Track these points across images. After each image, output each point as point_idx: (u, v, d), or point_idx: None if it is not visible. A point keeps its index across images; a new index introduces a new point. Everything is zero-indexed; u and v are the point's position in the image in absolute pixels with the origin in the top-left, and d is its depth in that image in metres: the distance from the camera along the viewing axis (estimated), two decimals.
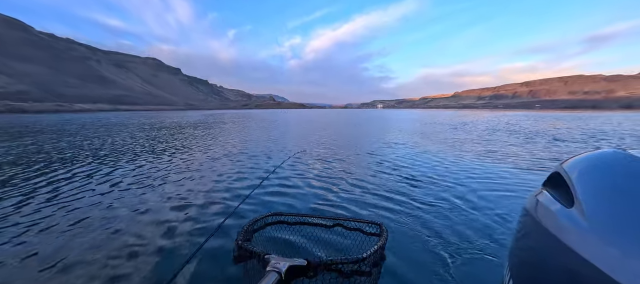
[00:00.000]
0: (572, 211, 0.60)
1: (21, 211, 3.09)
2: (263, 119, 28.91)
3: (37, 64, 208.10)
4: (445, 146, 8.48)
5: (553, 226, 0.62)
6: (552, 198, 0.69)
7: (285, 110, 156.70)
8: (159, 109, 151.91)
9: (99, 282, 1.88)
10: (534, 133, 12.68)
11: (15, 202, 3.34)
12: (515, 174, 4.72)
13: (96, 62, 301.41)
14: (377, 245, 0.88)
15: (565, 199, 0.65)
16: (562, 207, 0.63)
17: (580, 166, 0.69)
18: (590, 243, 0.52)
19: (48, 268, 2.02)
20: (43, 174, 4.76)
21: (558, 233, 0.59)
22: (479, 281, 1.90)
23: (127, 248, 2.30)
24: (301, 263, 0.74)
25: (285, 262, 0.72)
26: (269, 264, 0.72)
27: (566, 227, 0.58)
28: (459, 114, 53.87)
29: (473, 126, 17.45)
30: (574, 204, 0.60)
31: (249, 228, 1.12)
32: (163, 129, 15.81)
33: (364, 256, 0.80)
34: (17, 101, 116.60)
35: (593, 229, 0.53)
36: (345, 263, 0.78)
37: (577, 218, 0.57)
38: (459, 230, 2.59)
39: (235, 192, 3.84)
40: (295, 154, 6.55)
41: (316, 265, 0.75)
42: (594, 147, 8.31)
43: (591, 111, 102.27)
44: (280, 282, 0.68)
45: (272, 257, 0.75)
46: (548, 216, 0.66)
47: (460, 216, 2.92)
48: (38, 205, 3.28)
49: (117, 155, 6.87)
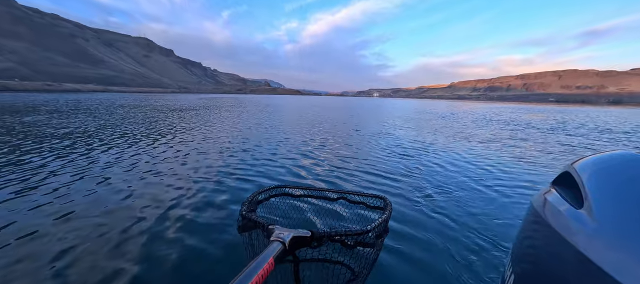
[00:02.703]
0: (580, 212, 0.59)
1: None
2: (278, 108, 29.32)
3: (22, 41, 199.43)
4: (430, 130, 9.45)
5: (560, 225, 0.61)
6: (561, 198, 0.69)
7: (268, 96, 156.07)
8: (152, 91, 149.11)
9: (146, 227, 2.73)
10: (507, 121, 13.79)
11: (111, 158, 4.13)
12: (479, 152, 5.72)
13: (84, 41, 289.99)
14: (381, 218, 0.89)
15: (575, 199, 0.65)
16: (570, 208, 0.63)
17: (591, 167, 0.69)
18: (598, 245, 0.51)
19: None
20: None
21: (565, 233, 0.58)
22: (479, 266, 1.96)
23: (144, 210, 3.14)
24: (305, 233, 0.75)
25: (289, 232, 0.73)
26: (273, 234, 0.73)
27: (574, 227, 0.58)
28: (452, 104, 55.05)
29: (457, 115, 18.49)
30: (583, 204, 0.60)
31: (253, 198, 1.14)
32: (179, 111, 16.33)
33: (368, 228, 0.81)
34: (5, 78, 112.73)
35: (601, 231, 0.53)
36: (350, 235, 0.80)
37: (585, 219, 0.57)
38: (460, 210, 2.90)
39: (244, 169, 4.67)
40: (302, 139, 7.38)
41: (320, 236, 0.77)
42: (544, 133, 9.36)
43: (579, 105, 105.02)
44: (283, 251, 0.69)
45: (276, 227, 0.76)
46: (556, 215, 0.65)
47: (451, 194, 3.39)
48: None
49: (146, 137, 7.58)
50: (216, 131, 8.67)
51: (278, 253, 0.67)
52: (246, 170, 4.23)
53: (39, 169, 4.00)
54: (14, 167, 4.00)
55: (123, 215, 2.57)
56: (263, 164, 4.58)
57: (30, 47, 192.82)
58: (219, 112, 16.75)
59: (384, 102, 65.27)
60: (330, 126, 11.01)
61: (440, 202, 3.08)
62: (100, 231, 2.28)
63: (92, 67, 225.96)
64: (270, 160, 4.88)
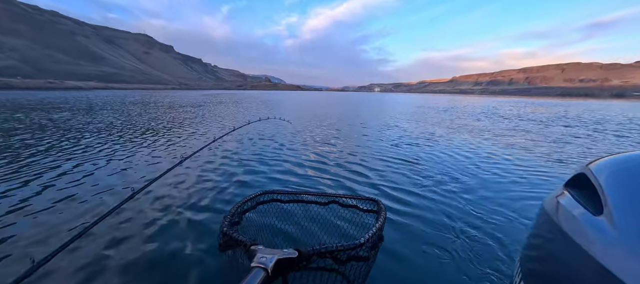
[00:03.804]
0: (600, 219, 0.55)
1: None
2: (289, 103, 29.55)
3: (23, 39, 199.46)
4: (427, 124, 9.68)
5: (576, 232, 0.58)
6: (576, 202, 0.66)
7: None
8: (153, 88, 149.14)
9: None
10: (503, 116, 13.95)
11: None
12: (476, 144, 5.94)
13: (84, 38, 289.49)
14: (375, 227, 0.84)
15: (592, 204, 0.61)
16: (587, 213, 0.59)
17: (610, 169, 0.65)
18: (619, 255, 0.48)
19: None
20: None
21: (581, 241, 0.55)
22: (485, 261, 1.92)
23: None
24: (291, 254, 0.68)
25: (272, 254, 0.66)
26: (255, 257, 0.66)
27: (591, 235, 0.54)
28: (453, 98, 54.87)
29: (457, 109, 18.66)
30: (603, 211, 0.56)
31: (238, 209, 1.05)
32: (190, 106, 16.58)
33: (362, 241, 0.76)
34: (7, 76, 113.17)
35: (623, 240, 0.49)
36: (342, 250, 0.74)
37: (605, 227, 0.53)
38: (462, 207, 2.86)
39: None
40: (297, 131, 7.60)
41: (309, 255, 0.70)
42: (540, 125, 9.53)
43: (582, 98, 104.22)
44: (267, 279, 0.61)
45: (259, 249, 0.70)
46: (570, 221, 0.62)
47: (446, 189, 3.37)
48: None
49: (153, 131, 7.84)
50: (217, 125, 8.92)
51: (260, 281, 0.59)
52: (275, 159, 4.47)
53: (105, 151, 4.93)
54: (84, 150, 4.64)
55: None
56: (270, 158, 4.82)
57: (31, 45, 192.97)
58: (226, 107, 17.00)
59: (385, 97, 65.19)
60: (336, 120, 11.23)
61: (441, 199, 3.04)
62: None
63: (92, 64, 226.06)
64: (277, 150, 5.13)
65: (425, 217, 2.62)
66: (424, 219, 2.58)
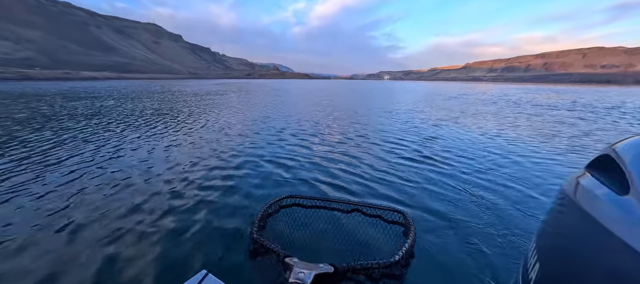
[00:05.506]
0: (626, 199, 0.55)
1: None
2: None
3: (38, 30, 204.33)
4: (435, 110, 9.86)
5: (599, 212, 0.57)
6: (599, 182, 0.64)
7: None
8: (165, 77, 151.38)
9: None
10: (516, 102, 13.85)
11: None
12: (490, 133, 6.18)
13: (96, 28, 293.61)
14: (407, 244, 0.76)
15: (617, 184, 0.60)
16: (612, 193, 0.59)
17: (637, 149, 0.63)
18: None
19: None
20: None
21: (606, 222, 0.54)
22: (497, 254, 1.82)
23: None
24: (327, 270, 0.65)
25: (309, 270, 0.63)
26: (292, 271, 0.63)
27: (617, 215, 0.54)
28: (466, 86, 53.53)
29: (469, 96, 18.52)
30: (630, 190, 0.55)
31: (263, 213, 1.01)
32: (206, 95, 17.23)
33: (397, 259, 0.69)
34: (26, 68, 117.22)
35: None
36: (377, 268, 0.68)
37: (632, 206, 0.52)
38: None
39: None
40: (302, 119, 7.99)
41: (344, 271, 0.66)
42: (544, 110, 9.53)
43: (603, 85, 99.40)
44: None
45: (295, 262, 0.65)
46: (592, 201, 0.61)
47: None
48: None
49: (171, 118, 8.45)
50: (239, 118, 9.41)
51: None
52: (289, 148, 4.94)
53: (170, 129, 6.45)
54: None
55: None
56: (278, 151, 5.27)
57: (46, 36, 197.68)
58: (246, 95, 17.51)
59: (394, 85, 64.21)
60: (341, 113, 11.52)
61: (452, 185, 3.03)
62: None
63: (105, 54, 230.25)
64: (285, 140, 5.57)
65: (458, 226, 2.20)
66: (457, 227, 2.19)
